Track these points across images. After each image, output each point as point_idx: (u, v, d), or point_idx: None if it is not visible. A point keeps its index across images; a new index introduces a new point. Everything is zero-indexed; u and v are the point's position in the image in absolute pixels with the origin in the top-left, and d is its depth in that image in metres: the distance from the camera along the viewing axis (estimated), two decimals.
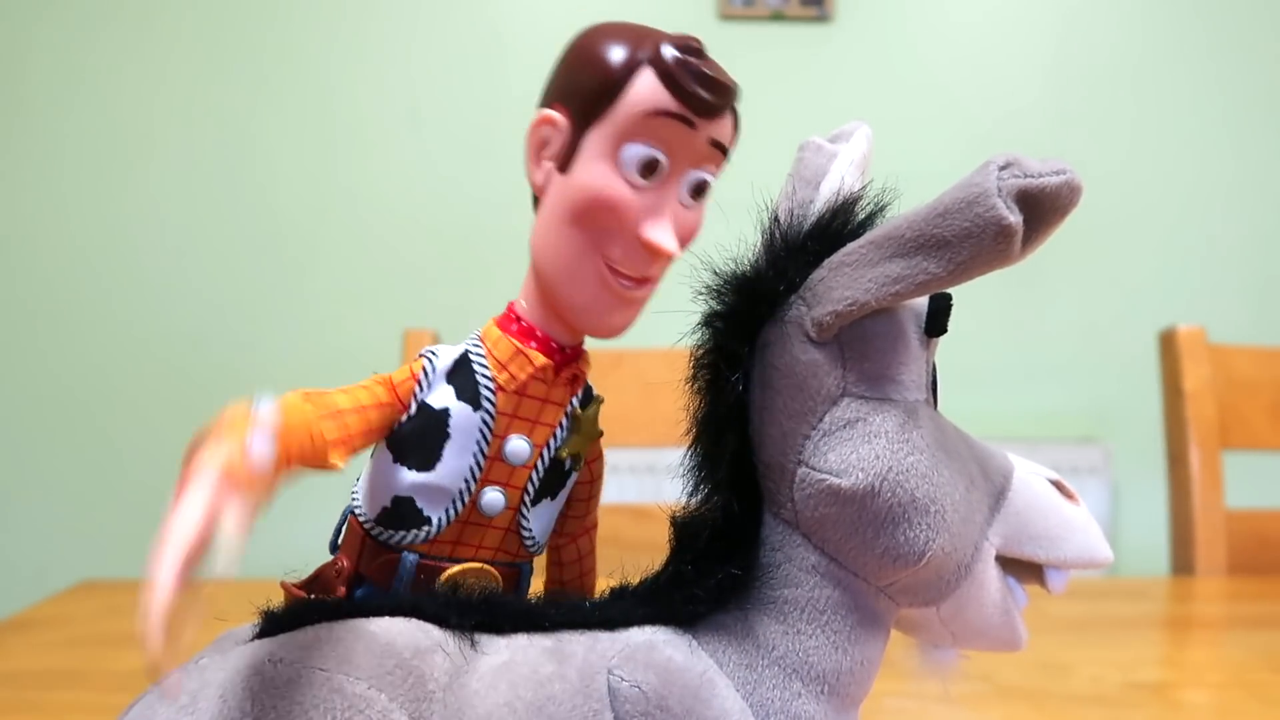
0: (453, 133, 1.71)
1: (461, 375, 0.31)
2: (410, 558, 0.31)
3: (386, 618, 0.28)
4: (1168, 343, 1.00)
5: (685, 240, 0.32)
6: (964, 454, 0.32)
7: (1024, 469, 0.34)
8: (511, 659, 0.28)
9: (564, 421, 0.33)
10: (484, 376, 0.31)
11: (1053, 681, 0.58)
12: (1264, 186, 1.78)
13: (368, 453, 0.32)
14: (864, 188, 0.32)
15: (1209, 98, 1.77)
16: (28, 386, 1.70)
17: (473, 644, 0.28)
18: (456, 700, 0.27)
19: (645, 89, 0.29)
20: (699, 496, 0.32)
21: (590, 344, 0.34)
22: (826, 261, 0.30)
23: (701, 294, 0.31)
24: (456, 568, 0.32)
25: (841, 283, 0.29)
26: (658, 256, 0.31)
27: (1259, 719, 0.53)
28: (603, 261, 0.31)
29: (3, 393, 1.70)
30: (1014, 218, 0.26)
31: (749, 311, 0.31)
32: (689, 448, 0.32)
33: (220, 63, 1.71)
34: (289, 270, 1.68)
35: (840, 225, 0.31)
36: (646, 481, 1.33)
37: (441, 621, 0.28)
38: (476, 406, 0.31)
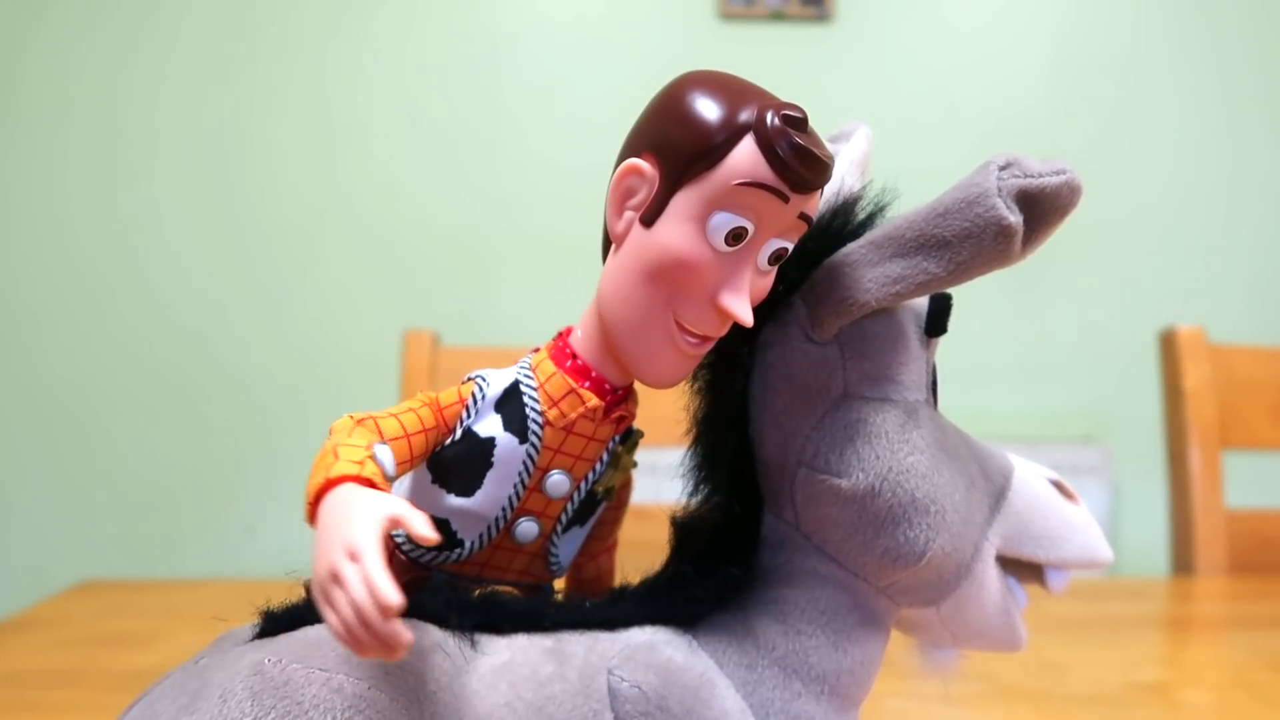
0: (452, 134, 1.71)
1: (511, 405, 0.31)
2: (440, 577, 0.32)
3: None
4: (1168, 343, 1.00)
5: (756, 303, 0.31)
6: (964, 454, 0.32)
7: (1024, 469, 0.34)
8: (511, 659, 0.28)
9: (604, 457, 0.33)
10: (534, 410, 0.31)
11: (1053, 681, 0.58)
12: (1264, 186, 1.78)
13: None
14: (864, 188, 0.32)
15: (1209, 97, 1.77)
16: (28, 386, 1.70)
17: (473, 644, 0.28)
18: (456, 700, 0.27)
19: (745, 160, 0.28)
20: (699, 497, 0.32)
21: None
22: (827, 262, 0.30)
23: None
24: (482, 589, 0.32)
25: (842, 283, 0.29)
26: (729, 323, 0.30)
27: (1259, 719, 0.53)
28: (673, 320, 0.30)
29: (3, 392, 1.70)
30: (1014, 218, 0.26)
31: None
32: (689, 448, 0.32)
33: (220, 64, 1.71)
34: (289, 270, 1.68)
35: (840, 225, 0.31)
36: (646, 481, 1.32)
37: (441, 622, 0.28)
38: (523, 439, 0.31)
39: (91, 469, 1.69)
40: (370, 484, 0.26)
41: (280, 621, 0.28)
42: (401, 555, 0.32)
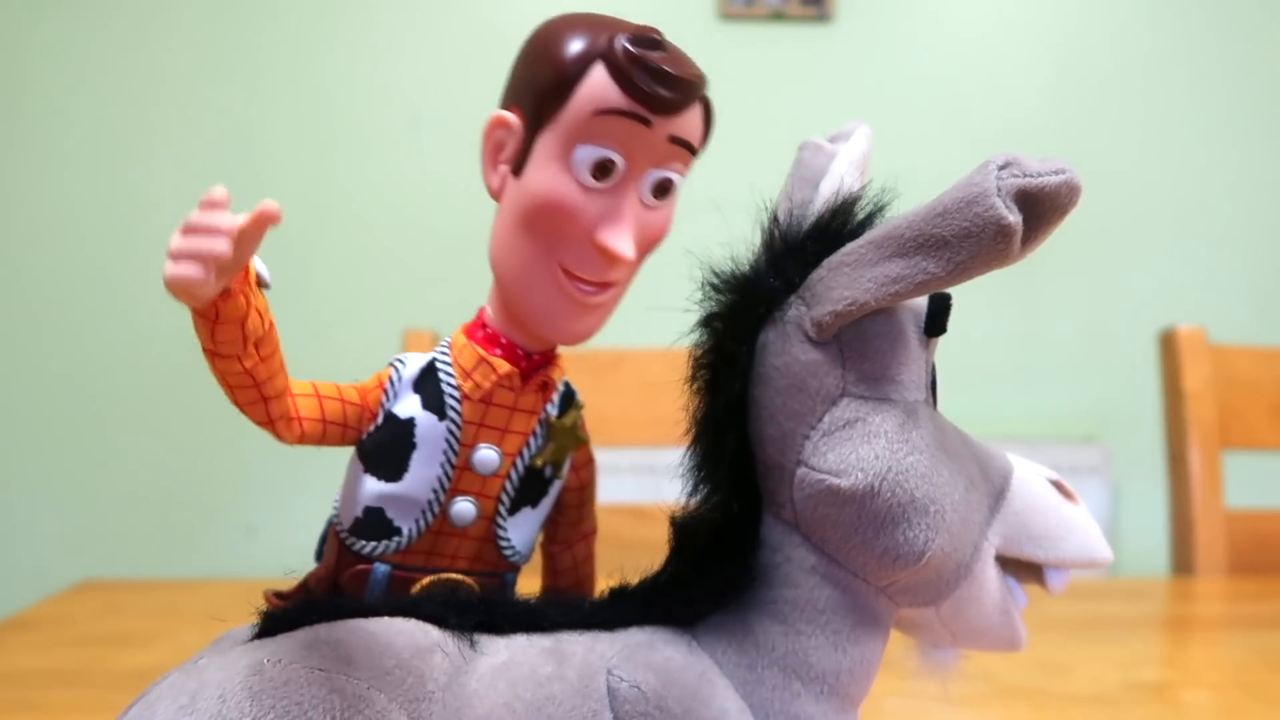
0: (452, 133, 1.70)
1: (428, 384, 0.31)
2: (382, 568, 0.31)
3: (386, 618, 0.28)
4: (1168, 343, 1.00)
5: (650, 242, 0.31)
6: (963, 454, 0.32)
7: (1024, 469, 0.34)
8: (511, 659, 0.28)
9: (538, 430, 0.32)
10: (449, 385, 0.31)
11: (1053, 681, 0.58)
12: (1265, 187, 1.78)
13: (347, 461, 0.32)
14: (863, 188, 0.32)
15: (1210, 97, 1.77)
16: (28, 386, 1.69)
17: (472, 644, 0.28)
18: (455, 700, 0.27)
19: (596, 87, 0.28)
20: (698, 497, 0.32)
21: (590, 344, 0.34)
22: (826, 261, 0.30)
23: (701, 294, 0.31)
24: (430, 578, 0.31)
25: (841, 283, 0.29)
26: (614, 262, 0.29)
27: (1259, 719, 0.53)
28: (558, 267, 0.30)
29: (3, 392, 1.70)
30: (1013, 217, 0.26)
31: (748, 312, 0.31)
32: (689, 448, 0.32)
33: (220, 63, 1.71)
34: (289, 270, 1.68)
35: (840, 225, 0.31)
36: (646, 481, 1.32)
37: (440, 621, 0.28)
38: (442, 416, 0.30)
39: (91, 469, 1.69)
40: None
41: (279, 622, 0.28)
42: (345, 549, 0.31)
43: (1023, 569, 0.34)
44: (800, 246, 0.31)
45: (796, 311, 0.30)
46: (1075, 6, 1.77)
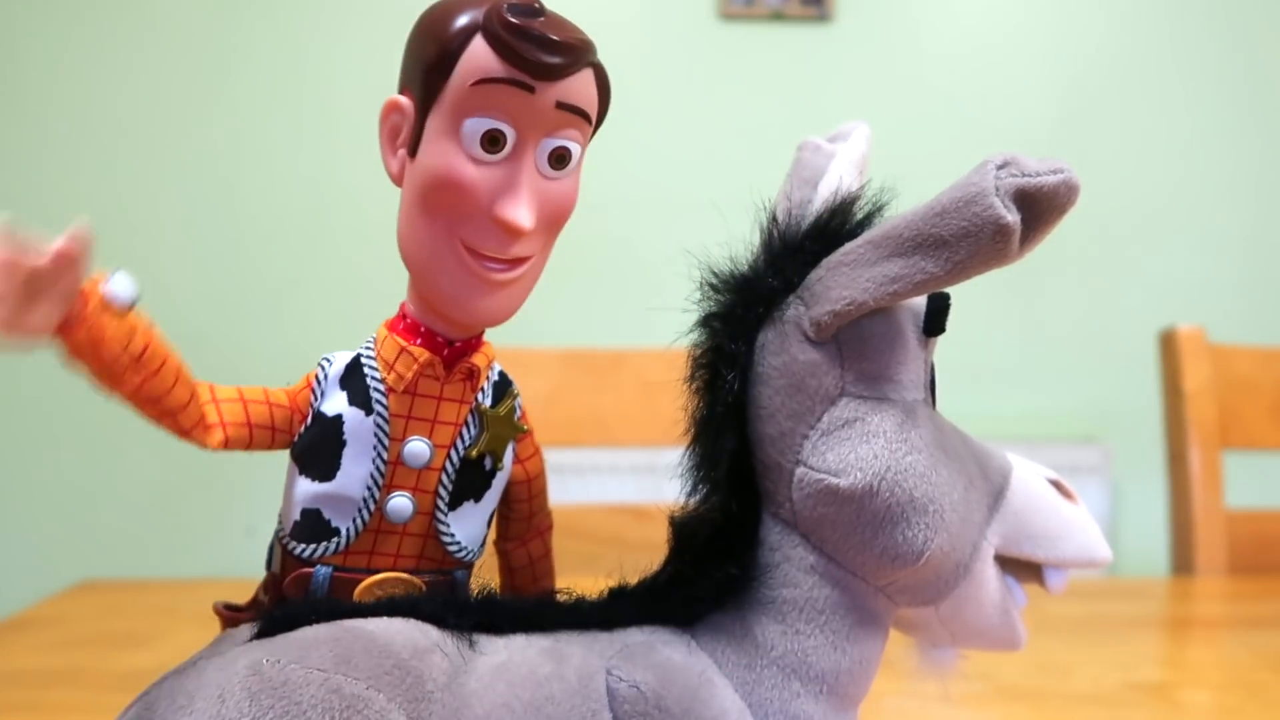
0: None
1: (353, 380, 0.31)
2: (324, 570, 0.31)
3: (384, 618, 0.28)
4: (1168, 343, 1.00)
5: (557, 215, 0.30)
6: (963, 453, 0.32)
7: (1023, 468, 0.34)
8: (509, 659, 0.28)
9: (470, 420, 0.32)
10: (374, 379, 0.30)
11: (1053, 681, 0.58)
12: (1264, 187, 1.78)
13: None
14: (862, 188, 0.32)
15: (1209, 97, 1.77)
16: (27, 386, 1.70)
17: (471, 644, 0.28)
18: (454, 700, 0.27)
19: (476, 58, 0.27)
20: (698, 496, 0.32)
21: (589, 343, 0.33)
22: (825, 261, 0.30)
23: (700, 294, 0.31)
24: (372, 579, 0.31)
25: (840, 282, 0.29)
26: (513, 233, 0.29)
27: (1259, 719, 0.53)
28: (461, 245, 0.29)
29: (3, 392, 1.70)
30: (1011, 217, 0.26)
31: (747, 311, 0.31)
32: (688, 447, 0.32)
33: (220, 62, 1.71)
34: (289, 270, 1.68)
35: (838, 225, 0.31)
36: (646, 481, 1.32)
37: (439, 621, 0.28)
38: (369, 411, 0.30)
39: (91, 469, 1.69)
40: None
41: (278, 622, 0.28)
42: (287, 554, 0.31)
43: (1022, 568, 0.34)
44: (799, 246, 0.31)
45: (795, 311, 0.30)
46: (1074, 7, 1.77)
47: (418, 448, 0.31)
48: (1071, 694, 0.56)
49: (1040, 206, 0.26)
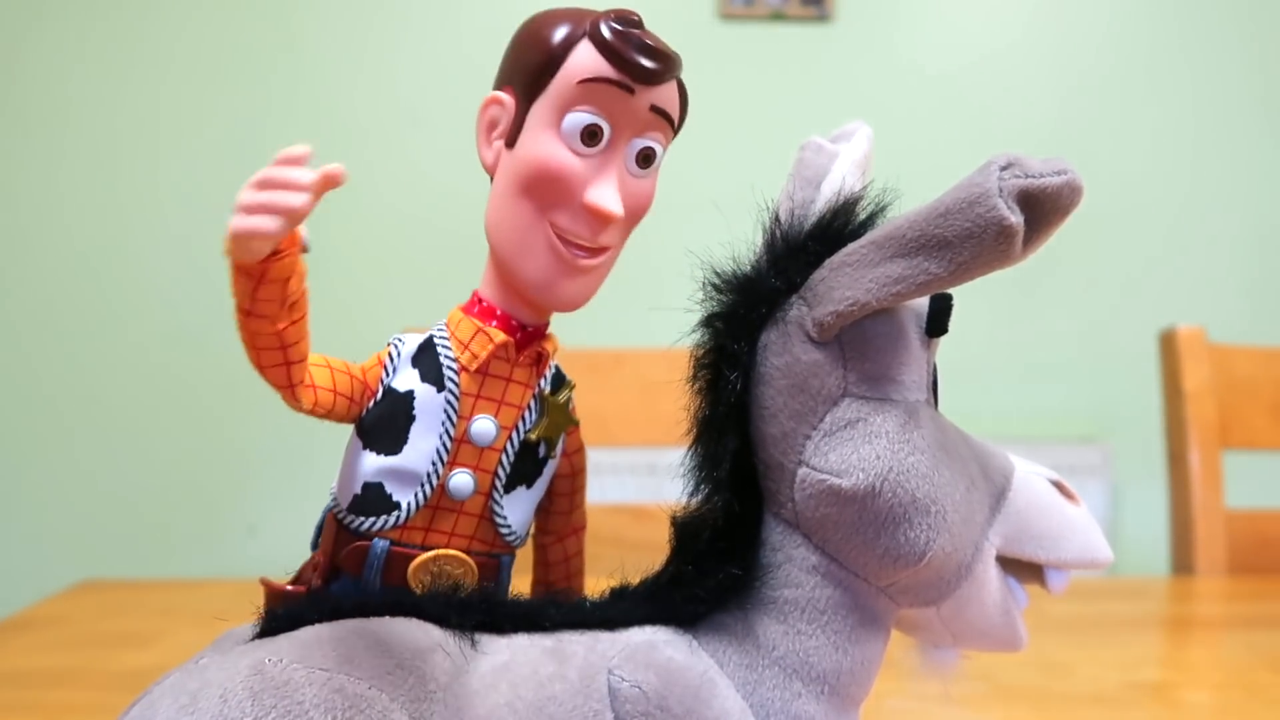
0: (454, 132, 1.70)
1: (426, 358, 0.32)
2: (380, 544, 0.32)
3: (387, 617, 0.28)
4: (1168, 343, 1.00)
5: (637, 211, 0.33)
6: (965, 454, 0.32)
7: (1025, 469, 0.34)
8: (512, 659, 0.28)
9: (532, 404, 0.33)
10: (447, 357, 0.32)
11: (1053, 681, 0.58)
12: (1264, 186, 1.78)
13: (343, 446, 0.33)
14: (865, 188, 0.32)
15: (1210, 97, 1.77)
16: (28, 386, 1.69)
17: (473, 644, 0.28)
18: (457, 700, 0.27)
19: (583, 59, 0.30)
20: (699, 496, 0.32)
21: (590, 343, 0.34)
22: (827, 262, 0.30)
23: (702, 294, 0.31)
24: (428, 554, 0.32)
25: (843, 283, 0.29)
26: (603, 220, 0.31)
27: (1259, 719, 0.53)
28: (551, 230, 0.31)
29: (3, 392, 1.70)
30: (1015, 218, 0.26)
31: (750, 311, 0.31)
32: (690, 447, 0.32)
33: (220, 62, 1.71)
34: None
35: (841, 225, 0.31)
36: (646, 481, 1.32)
37: (442, 621, 0.28)
38: (440, 387, 0.32)
39: (91, 469, 1.69)
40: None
41: (281, 621, 0.28)
42: (342, 529, 0.32)
43: (1023, 569, 0.34)
44: (802, 246, 0.31)
45: (798, 311, 0.30)
46: (1074, 7, 1.77)
47: (485, 426, 0.32)
48: (1071, 694, 0.56)
49: (1044, 208, 0.26)
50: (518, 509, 0.34)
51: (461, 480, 0.32)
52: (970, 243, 0.27)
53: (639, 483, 1.33)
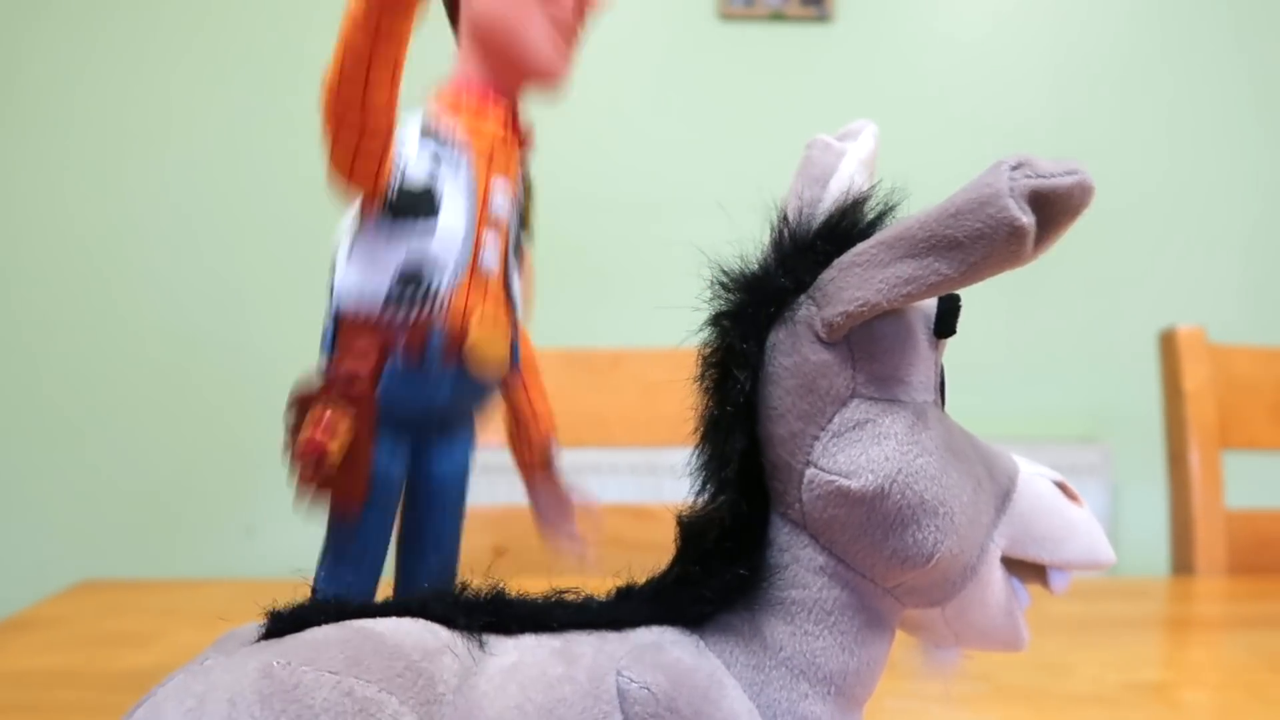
0: None
1: (434, 140, 0.33)
2: (434, 329, 0.32)
3: (394, 618, 0.28)
4: (1168, 343, 1.01)
5: None
6: (971, 456, 0.32)
7: (1028, 470, 0.34)
8: (520, 660, 0.28)
9: (520, 181, 0.35)
10: (445, 124, 0.33)
11: (1053, 681, 0.58)
12: (1263, 186, 1.78)
13: (344, 253, 0.34)
14: (873, 187, 0.32)
15: (1210, 97, 1.77)
16: (28, 386, 1.69)
17: (481, 645, 0.28)
18: (466, 702, 0.26)
19: None
20: (706, 496, 0.31)
21: (590, 343, 0.34)
22: (836, 261, 0.30)
23: (710, 293, 0.31)
24: (478, 331, 0.32)
25: (852, 283, 0.29)
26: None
27: (1259, 719, 0.53)
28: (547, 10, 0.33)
29: (3, 392, 1.69)
30: (1026, 218, 0.26)
31: (758, 311, 0.31)
32: (697, 446, 0.32)
33: (220, 61, 1.71)
34: (289, 270, 1.68)
35: (850, 225, 0.30)
36: (647, 481, 1.32)
37: (448, 622, 0.28)
38: (452, 146, 0.33)
39: (91, 469, 1.68)
40: None
41: (286, 622, 0.28)
42: (382, 323, 0.32)
43: (1025, 569, 0.34)
44: (810, 245, 0.30)
45: (807, 311, 0.30)
46: (1074, 6, 1.77)
47: (501, 200, 0.33)
48: (1071, 694, 0.56)
49: (1054, 208, 0.26)
50: (517, 289, 0.35)
51: (491, 254, 0.33)
52: (981, 243, 0.26)
53: (638, 483, 1.33)
